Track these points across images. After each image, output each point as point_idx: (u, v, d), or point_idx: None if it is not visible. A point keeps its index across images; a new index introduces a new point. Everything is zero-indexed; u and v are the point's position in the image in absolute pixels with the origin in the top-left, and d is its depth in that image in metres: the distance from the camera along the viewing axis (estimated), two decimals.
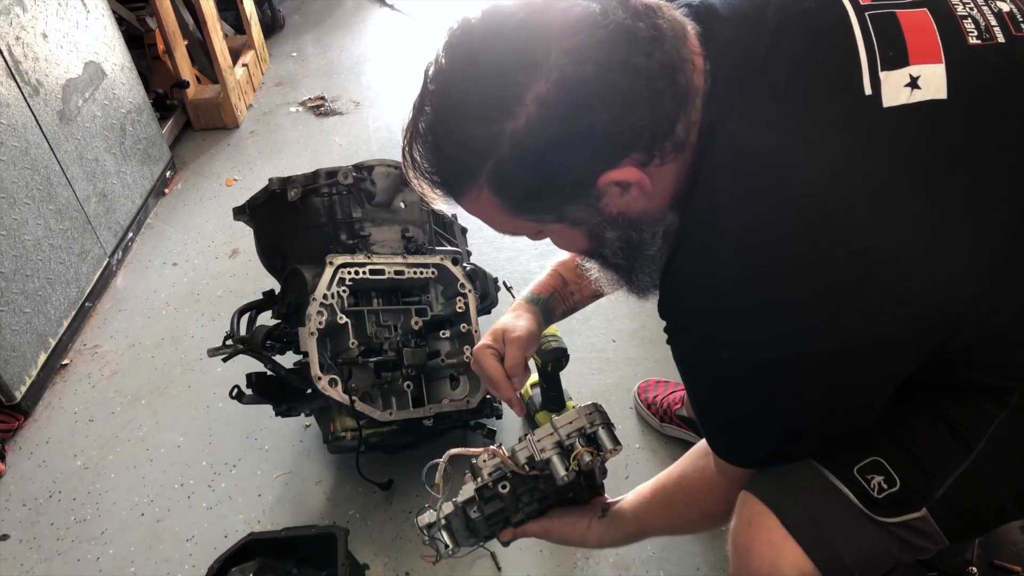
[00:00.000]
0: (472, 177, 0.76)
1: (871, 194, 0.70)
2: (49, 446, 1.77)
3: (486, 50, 0.71)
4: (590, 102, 0.69)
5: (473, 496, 1.11)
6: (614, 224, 0.80)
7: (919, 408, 0.85)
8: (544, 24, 0.69)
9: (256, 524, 1.55)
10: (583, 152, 0.72)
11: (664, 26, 0.71)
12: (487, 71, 0.70)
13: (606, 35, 0.68)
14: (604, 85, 0.69)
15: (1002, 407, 0.81)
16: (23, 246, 1.82)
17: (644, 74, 0.69)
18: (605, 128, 0.70)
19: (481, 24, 0.72)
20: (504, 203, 0.78)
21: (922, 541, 0.82)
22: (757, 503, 0.84)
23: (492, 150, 0.72)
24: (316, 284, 1.43)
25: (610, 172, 0.73)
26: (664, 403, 1.60)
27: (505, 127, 0.70)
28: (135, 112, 2.40)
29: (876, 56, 0.72)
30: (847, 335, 0.71)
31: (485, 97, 0.71)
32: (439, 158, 0.76)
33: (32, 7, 1.93)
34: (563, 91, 0.68)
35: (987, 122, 0.72)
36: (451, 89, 0.73)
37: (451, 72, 0.73)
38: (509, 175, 0.74)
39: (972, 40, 0.74)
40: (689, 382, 0.88)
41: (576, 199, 0.77)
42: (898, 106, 0.71)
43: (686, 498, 1.03)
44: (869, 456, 0.82)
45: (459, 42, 0.73)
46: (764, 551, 0.82)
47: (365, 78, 3.13)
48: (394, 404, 1.49)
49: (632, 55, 0.69)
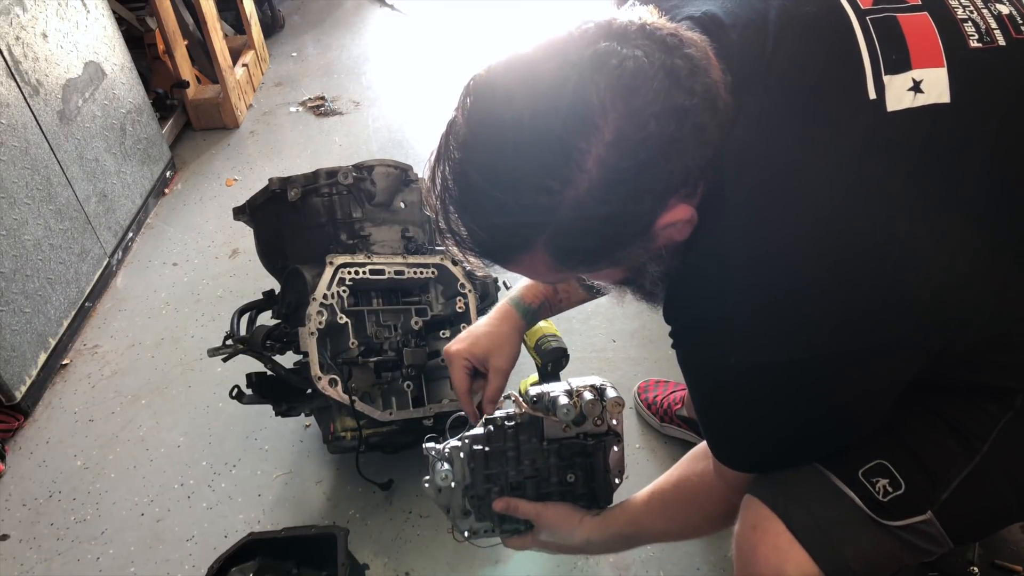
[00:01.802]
0: (527, 246, 0.73)
1: (877, 197, 0.70)
2: (49, 446, 1.77)
3: (533, 115, 0.67)
4: (654, 158, 0.67)
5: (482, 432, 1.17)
6: (659, 259, 0.79)
7: (923, 411, 0.85)
8: (594, 83, 0.66)
9: (256, 524, 1.55)
10: (645, 204, 0.70)
11: (696, 55, 0.69)
12: (540, 138, 0.67)
13: (658, 86, 0.66)
14: (665, 139, 0.67)
15: (1007, 409, 0.81)
16: (23, 246, 1.82)
17: (693, 114, 0.68)
18: (663, 177, 0.69)
19: (517, 85, 0.68)
20: (560, 263, 0.76)
21: (927, 544, 0.82)
22: (762, 507, 0.84)
23: (551, 219, 0.70)
24: (316, 284, 1.43)
25: (664, 215, 0.72)
26: (664, 403, 1.60)
27: (566, 195, 0.68)
28: (135, 112, 2.40)
29: (879, 60, 0.72)
30: (853, 339, 0.71)
31: (542, 166, 0.67)
32: (490, 231, 0.73)
33: (32, 7, 1.93)
34: (622, 150, 0.66)
35: (990, 125, 0.72)
36: (498, 160, 0.69)
37: (493, 140, 0.69)
38: (569, 240, 0.72)
39: (973, 43, 0.74)
40: (693, 386, 0.88)
41: (631, 244, 0.75)
42: (902, 110, 0.71)
43: (685, 501, 1.03)
44: (874, 459, 0.82)
45: (492, 105, 0.69)
46: (769, 555, 0.82)
47: (365, 78, 3.13)
48: (394, 404, 1.49)
49: (680, 97, 0.67)
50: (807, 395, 0.77)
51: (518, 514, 1.16)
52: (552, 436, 1.18)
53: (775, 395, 0.77)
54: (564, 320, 1.89)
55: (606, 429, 1.20)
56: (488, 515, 1.18)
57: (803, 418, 0.80)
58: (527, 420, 1.18)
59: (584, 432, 1.19)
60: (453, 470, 1.17)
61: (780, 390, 0.77)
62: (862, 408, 0.79)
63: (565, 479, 1.19)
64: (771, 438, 0.83)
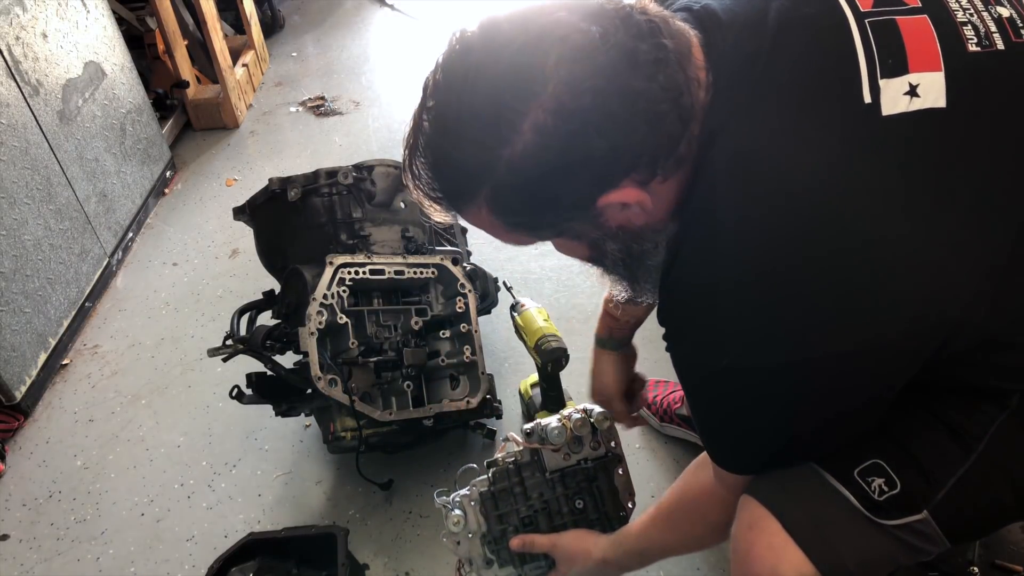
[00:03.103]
0: (471, 197, 0.76)
1: (870, 200, 0.70)
2: (49, 446, 1.77)
3: (484, 75, 0.70)
4: (587, 131, 0.68)
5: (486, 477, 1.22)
6: (614, 237, 0.80)
7: (919, 410, 0.85)
8: (543, 50, 0.67)
9: (256, 524, 1.55)
10: (580, 178, 0.72)
11: (669, 45, 0.70)
12: (484, 97, 0.70)
13: (606, 61, 0.67)
14: (602, 114, 0.68)
15: (1002, 408, 0.81)
16: (23, 246, 1.82)
17: (645, 98, 0.69)
18: (603, 155, 0.70)
19: (480, 45, 0.71)
20: (503, 221, 0.78)
21: (923, 543, 0.82)
22: (758, 506, 0.84)
23: (489, 175, 0.72)
24: (316, 284, 1.43)
25: (609, 194, 0.73)
26: (664, 403, 1.60)
27: (501, 153, 0.70)
28: (135, 112, 2.40)
29: (876, 64, 0.72)
30: (847, 340, 0.71)
31: (481, 123, 0.70)
32: (438, 177, 0.76)
33: (32, 7, 1.93)
34: (560, 120, 0.68)
35: (987, 129, 0.72)
36: (448, 111, 0.72)
37: (448, 93, 0.72)
38: (506, 198, 0.74)
39: (972, 47, 0.73)
40: (688, 389, 0.88)
41: (575, 217, 0.77)
42: (897, 115, 0.71)
43: (688, 512, 1.03)
44: (870, 458, 0.82)
45: (457, 61, 0.72)
46: (765, 555, 0.82)
47: (365, 78, 3.13)
48: (394, 404, 1.49)
49: (633, 79, 0.68)
50: (802, 397, 0.76)
51: (534, 549, 1.18)
52: (554, 467, 1.22)
53: (770, 397, 0.77)
54: (564, 320, 1.89)
55: (604, 452, 1.22)
56: (509, 558, 1.20)
57: (799, 419, 0.80)
58: (527, 456, 1.22)
59: (583, 458, 1.22)
60: (466, 518, 1.19)
61: (775, 392, 0.76)
62: (857, 409, 0.79)
63: (575, 507, 1.21)
64: (768, 439, 0.83)
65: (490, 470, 1.23)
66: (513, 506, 1.21)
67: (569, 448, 1.22)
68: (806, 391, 0.76)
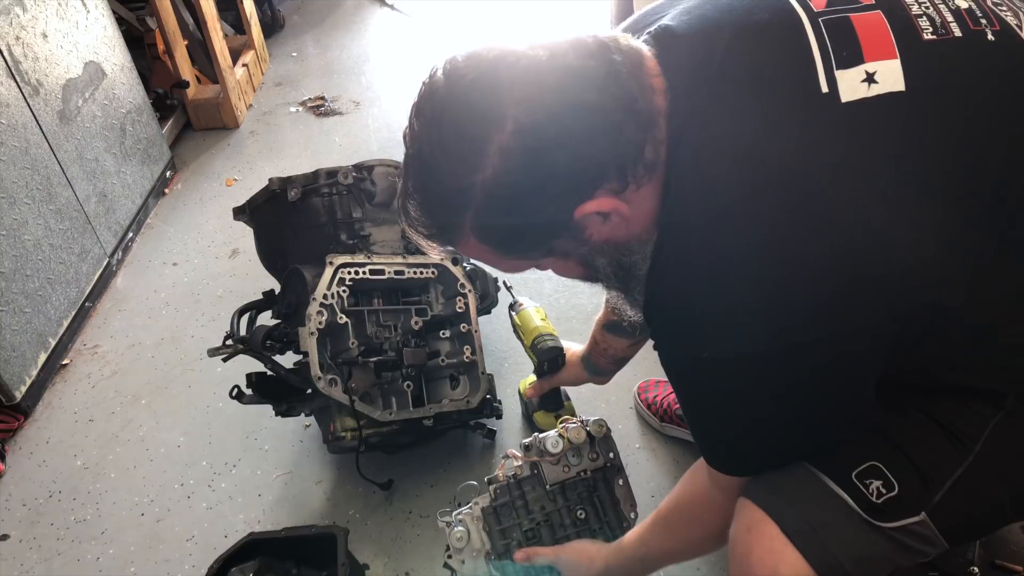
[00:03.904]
0: (457, 228, 0.79)
1: (836, 182, 0.71)
2: (49, 446, 1.77)
3: (448, 110, 0.73)
4: (547, 146, 0.71)
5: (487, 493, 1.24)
6: (601, 252, 0.82)
7: (914, 412, 0.85)
8: (496, 79, 0.71)
9: (256, 524, 1.55)
10: (551, 192, 0.74)
11: (618, 59, 0.73)
12: (450, 130, 0.73)
13: (554, 80, 0.71)
14: (559, 128, 0.71)
15: (997, 409, 0.81)
16: (23, 246, 1.82)
17: (599, 110, 0.71)
18: (567, 167, 0.72)
19: (443, 85, 0.74)
20: (492, 248, 0.81)
21: (921, 545, 0.82)
22: (756, 509, 0.84)
23: (468, 203, 0.75)
24: (316, 284, 1.43)
25: (584, 205, 0.75)
26: (664, 402, 1.60)
27: (475, 180, 0.73)
28: (135, 112, 2.40)
29: (831, 56, 0.73)
30: (823, 325, 0.72)
31: (451, 155, 0.74)
32: (426, 215, 0.80)
33: (32, 7, 1.93)
34: (520, 140, 0.71)
35: (950, 112, 0.73)
36: (423, 150, 0.76)
37: (421, 133, 0.76)
38: (488, 223, 0.77)
39: (927, 36, 0.75)
40: (677, 386, 0.89)
41: (558, 234, 0.79)
42: (857, 100, 0.72)
43: (685, 517, 1.04)
44: (867, 461, 0.82)
45: (426, 105, 0.76)
46: (764, 558, 0.82)
47: (365, 78, 3.13)
48: (394, 404, 1.49)
49: (584, 94, 0.71)
50: (785, 384, 0.77)
51: (539, 561, 1.19)
52: (554, 479, 1.23)
53: (754, 386, 0.78)
54: (564, 320, 1.89)
55: (604, 462, 1.23)
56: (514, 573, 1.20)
57: (784, 410, 0.80)
58: (527, 470, 1.24)
59: (583, 469, 1.24)
60: (469, 535, 1.21)
61: (758, 381, 0.77)
62: (842, 396, 0.79)
63: (577, 517, 1.22)
64: (756, 434, 0.84)
65: (491, 486, 1.24)
66: (515, 520, 1.22)
67: (568, 459, 1.23)
68: (788, 378, 0.76)
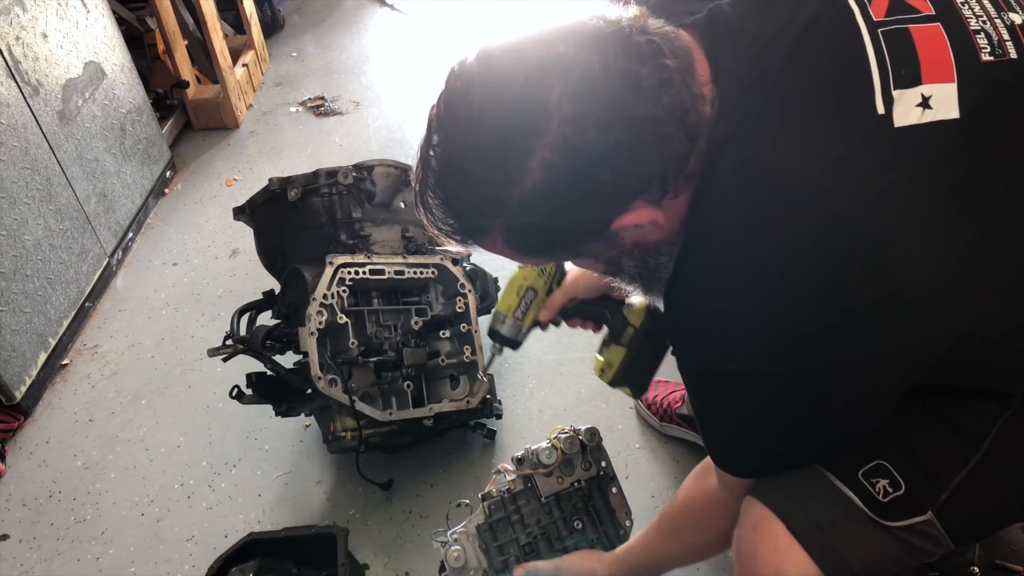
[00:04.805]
0: (485, 232, 0.77)
1: (880, 209, 0.69)
2: (49, 446, 1.77)
3: (487, 114, 0.70)
4: (594, 164, 0.69)
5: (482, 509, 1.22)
6: (630, 255, 0.82)
7: (922, 411, 0.85)
8: (545, 87, 0.68)
9: (256, 524, 1.55)
10: (591, 207, 0.73)
11: (671, 65, 0.70)
12: (489, 137, 0.70)
13: (609, 92, 0.68)
14: (608, 145, 0.68)
15: (1005, 409, 0.81)
16: (23, 246, 1.82)
17: (650, 123, 0.69)
18: (612, 183, 0.71)
19: (480, 81, 0.71)
20: (519, 250, 0.80)
21: (927, 544, 0.82)
22: (762, 508, 0.84)
23: (500, 212, 0.73)
24: (316, 284, 1.43)
25: (623, 217, 0.74)
26: (664, 402, 1.60)
27: (511, 192, 0.71)
28: (135, 112, 2.40)
29: (889, 74, 0.72)
30: (854, 348, 0.71)
31: (489, 163, 0.71)
32: (451, 215, 0.77)
33: (32, 7, 1.93)
34: (567, 157, 0.68)
35: (999, 140, 0.72)
36: (455, 150, 0.73)
37: (453, 131, 0.73)
38: (520, 232, 0.76)
39: (985, 56, 0.73)
40: (694, 394, 0.88)
41: (589, 241, 0.78)
42: (910, 126, 0.70)
43: (692, 520, 1.03)
44: (874, 460, 0.82)
45: (460, 100, 0.72)
46: (769, 557, 0.82)
47: (365, 78, 3.13)
48: (394, 404, 1.49)
49: (637, 107, 0.68)
50: (807, 401, 0.77)
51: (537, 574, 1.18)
52: (548, 492, 1.22)
53: (775, 401, 0.77)
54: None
55: (596, 472, 1.22)
56: None
57: (804, 423, 0.80)
58: (520, 484, 1.23)
59: (576, 479, 1.23)
60: (465, 554, 1.20)
61: (780, 397, 0.77)
62: (863, 412, 0.79)
63: (574, 528, 1.21)
64: (772, 443, 0.83)
65: (485, 502, 1.23)
66: (512, 536, 1.21)
67: (561, 470, 1.22)
68: (811, 396, 0.76)
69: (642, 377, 1.23)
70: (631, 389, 1.24)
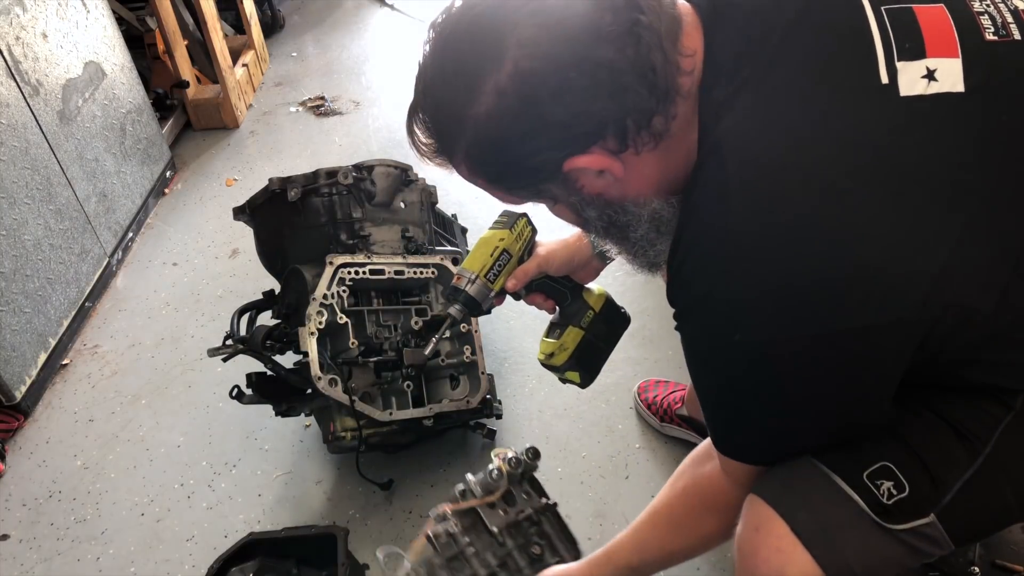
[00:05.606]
0: (452, 153, 0.80)
1: (886, 179, 0.70)
2: (49, 446, 1.77)
3: (453, 37, 0.74)
4: (544, 96, 0.71)
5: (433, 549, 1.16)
6: (592, 204, 0.82)
7: (925, 411, 0.84)
8: (504, 15, 0.71)
9: (256, 524, 1.55)
10: (540, 141, 0.74)
11: (644, 21, 0.70)
12: (452, 59, 0.74)
13: (564, 30, 0.69)
14: (560, 79, 0.70)
15: (1008, 410, 0.81)
16: (23, 246, 1.82)
17: (606, 69, 0.70)
18: (562, 119, 0.72)
19: (456, 7, 0.74)
20: (483, 179, 0.81)
21: (929, 546, 0.81)
22: (765, 507, 0.83)
23: (461, 133, 0.76)
24: (316, 284, 1.43)
25: (575, 158, 0.75)
26: (664, 403, 1.60)
27: (468, 114, 0.73)
28: (135, 112, 2.40)
29: (892, 47, 0.72)
30: (859, 317, 0.71)
31: (450, 84, 0.75)
32: (426, 134, 0.80)
33: (32, 7, 1.93)
34: (517, 84, 0.70)
35: (1004, 117, 0.73)
36: (427, 72, 0.77)
37: (429, 53, 0.77)
38: (478, 156, 0.78)
39: (989, 36, 0.74)
40: (697, 368, 0.86)
41: (547, 180, 0.79)
42: (915, 96, 0.71)
43: (695, 509, 0.99)
44: (878, 461, 0.81)
45: (440, 23, 0.76)
46: (771, 557, 0.81)
47: (365, 78, 3.13)
48: (394, 404, 1.49)
49: (594, 49, 0.69)
50: (812, 373, 0.76)
51: None
52: (498, 525, 1.16)
53: (779, 373, 0.77)
54: None
55: (542, 502, 1.21)
56: None
57: (806, 399, 0.79)
58: (467, 519, 1.17)
59: (520, 510, 1.19)
60: None
61: (786, 368, 0.76)
62: (867, 388, 0.78)
63: (532, 555, 1.17)
64: (777, 421, 0.82)
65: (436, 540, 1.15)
66: (470, 572, 1.14)
67: (505, 502, 1.18)
68: (816, 367, 0.75)
69: (595, 363, 1.19)
70: (581, 376, 1.17)
